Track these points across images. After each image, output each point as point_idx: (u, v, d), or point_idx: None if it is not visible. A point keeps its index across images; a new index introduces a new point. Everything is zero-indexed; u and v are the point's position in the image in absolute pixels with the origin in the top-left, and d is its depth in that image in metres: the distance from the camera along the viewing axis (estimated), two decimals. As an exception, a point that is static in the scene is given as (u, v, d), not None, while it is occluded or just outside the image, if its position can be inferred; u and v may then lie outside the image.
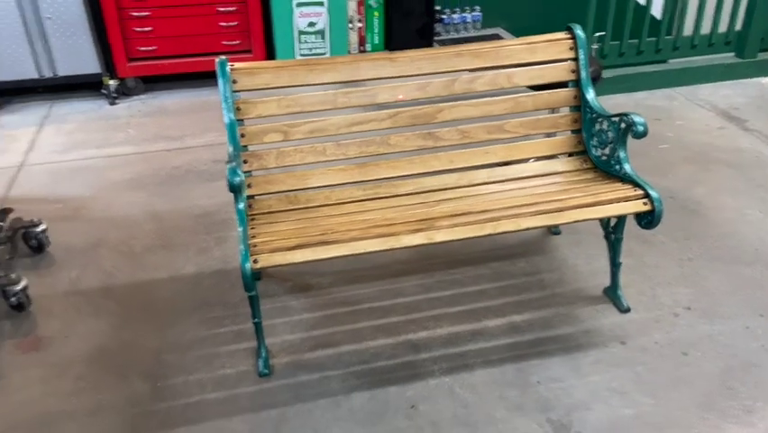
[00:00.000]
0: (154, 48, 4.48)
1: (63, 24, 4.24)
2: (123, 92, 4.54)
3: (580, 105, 2.58)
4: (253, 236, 2.11)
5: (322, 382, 2.20)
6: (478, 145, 2.53)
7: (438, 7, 5.26)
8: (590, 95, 2.55)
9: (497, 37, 5.25)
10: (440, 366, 2.25)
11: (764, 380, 2.17)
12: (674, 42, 4.46)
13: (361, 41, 5.01)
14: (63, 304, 2.57)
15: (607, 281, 2.60)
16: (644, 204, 2.23)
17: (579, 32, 2.56)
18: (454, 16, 5.34)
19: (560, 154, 2.60)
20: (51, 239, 2.94)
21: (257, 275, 2.69)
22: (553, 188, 2.40)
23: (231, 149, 2.26)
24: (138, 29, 4.40)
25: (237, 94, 2.35)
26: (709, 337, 2.35)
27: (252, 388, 2.18)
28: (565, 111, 2.62)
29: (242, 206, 2.13)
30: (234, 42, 4.57)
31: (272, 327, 2.43)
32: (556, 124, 2.59)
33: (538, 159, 2.59)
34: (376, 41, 5.03)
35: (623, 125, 2.35)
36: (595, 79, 3.07)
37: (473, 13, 5.36)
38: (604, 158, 2.49)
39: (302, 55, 4.62)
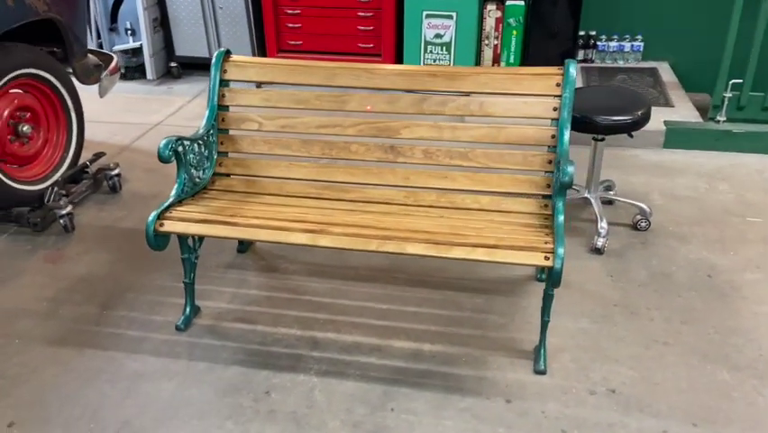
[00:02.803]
0: (300, 42, 5.01)
1: (231, 14, 4.97)
2: (270, 78, 5.15)
3: (557, 146, 2.40)
4: (182, 204, 2.41)
5: (217, 348, 2.42)
6: (438, 168, 2.51)
7: (593, 32, 4.99)
8: (566, 137, 2.35)
9: (653, 72, 4.81)
10: (320, 367, 2.32)
11: (632, 490, 1.86)
12: (842, 104, 3.68)
13: (496, 59, 4.98)
14: (96, 235, 3.15)
15: (552, 341, 2.39)
16: (546, 258, 2.04)
17: (571, 69, 2.38)
18: (611, 44, 5.00)
19: (523, 194, 2.45)
20: (131, 185, 3.58)
21: (243, 248, 2.99)
22: (479, 225, 2.29)
23: (201, 128, 2.57)
24: (289, 25, 4.95)
25: (226, 83, 2.65)
26: (609, 426, 2.05)
27: (163, 336, 2.49)
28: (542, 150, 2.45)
29: (183, 177, 2.44)
30: (368, 45, 4.89)
31: (219, 293, 2.72)
32: (527, 161, 2.44)
33: (502, 194, 2.47)
34: (511, 60, 4.96)
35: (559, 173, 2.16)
36: (637, 124, 2.79)
37: (633, 43, 4.97)
38: (556, 205, 2.30)
39: (425, 64, 4.77)
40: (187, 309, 2.55)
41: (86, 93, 3.60)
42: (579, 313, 2.55)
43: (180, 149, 2.40)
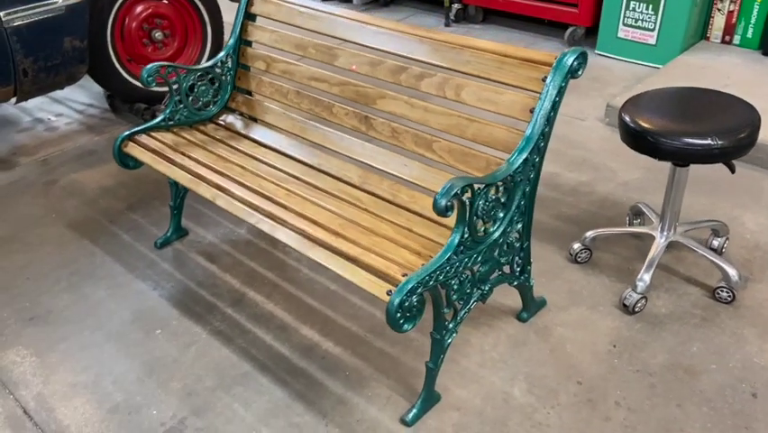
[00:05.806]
0: (497, -18, 4.53)
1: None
2: (464, 18, 4.80)
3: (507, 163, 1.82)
4: (168, 131, 2.47)
5: (165, 274, 2.50)
6: (401, 153, 2.12)
7: None
8: (523, 154, 1.76)
9: None
10: (219, 325, 2.24)
11: None
12: None
13: (728, 30, 3.86)
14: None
15: (459, 393, 1.94)
16: (387, 293, 1.61)
17: (567, 59, 1.74)
18: None
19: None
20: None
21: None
22: (385, 230, 1.90)
23: (221, 54, 2.56)
24: (491, -40, 4.50)
25: (253, 16, 2.57)
26: None
27: (140, 248, 2.64)
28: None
29: (172, 105, 2.49)
30: (568, -5, 4.20)
31: (215, 224, 2.77)
32: (489, 169, 1.91)
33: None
34: (748, 34, 3.81)
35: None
36: (717, 155, 2.00)
37: None
38: (477, 233, 1.77)
39: (625, 25, 3.92)
40: (169, 231, 2.67)
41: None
42: (524, 375, 1.99)
43: (170, 76, 2.44)
